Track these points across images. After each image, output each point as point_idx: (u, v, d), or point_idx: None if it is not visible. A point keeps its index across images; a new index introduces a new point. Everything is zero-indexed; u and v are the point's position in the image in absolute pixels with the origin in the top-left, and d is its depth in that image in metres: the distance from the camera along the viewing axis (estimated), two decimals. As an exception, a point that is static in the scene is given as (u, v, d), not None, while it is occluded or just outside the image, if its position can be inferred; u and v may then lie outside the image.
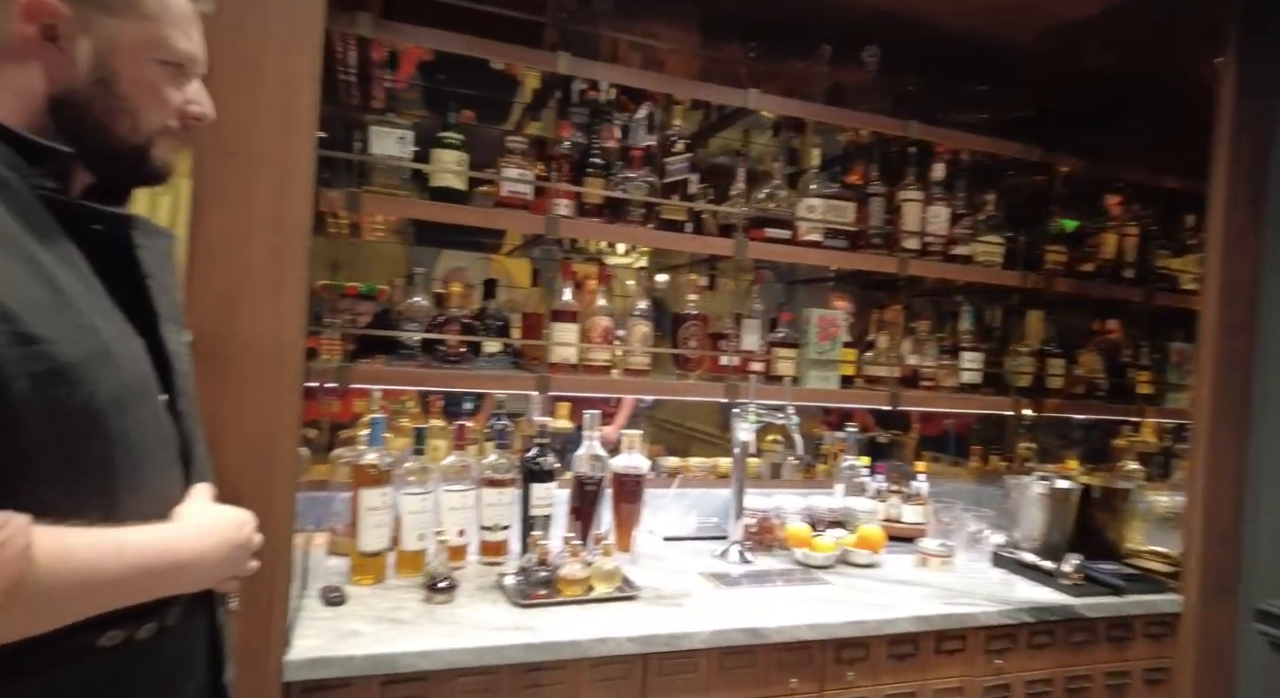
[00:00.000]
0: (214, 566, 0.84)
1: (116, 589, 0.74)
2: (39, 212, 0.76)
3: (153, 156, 0.86)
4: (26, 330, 0.69)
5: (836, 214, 2.12)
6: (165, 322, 0.89)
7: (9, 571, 0.63)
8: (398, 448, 1.91)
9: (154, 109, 0.84)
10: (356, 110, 2.03)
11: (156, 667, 0.82)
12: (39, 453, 0.70)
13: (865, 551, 1.98)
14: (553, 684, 1.43)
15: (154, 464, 0.82)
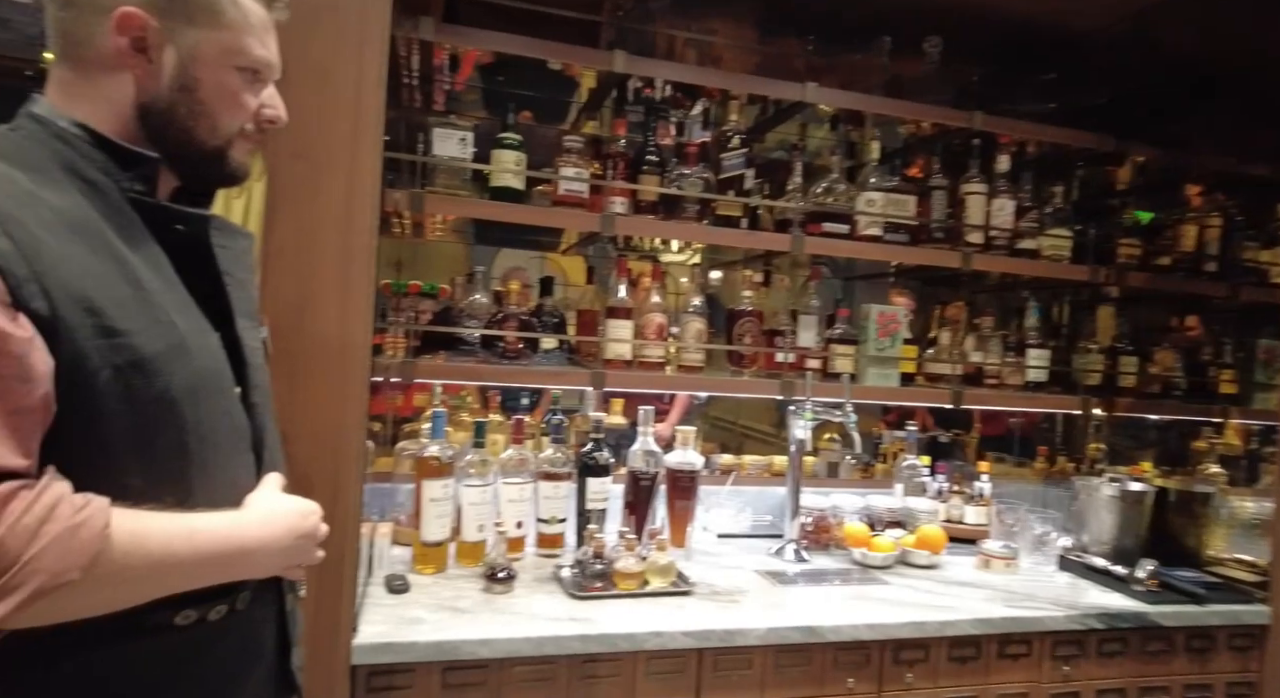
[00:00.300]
0: (279, 553, 0.87)
1: (186, 572, 0.77)
2: (128, 213, 0.81)
3: (230, 158, 0.89)
4: (111, 324, 0.73)
5: (897, 208, 2.07)
6: (240, 317, 0.93)
7: (88, 548, 0.67)
8: (458, 442, 1.96)
9: (232, 114, 0.87)
10: (419, 113, 2.09)
11: (226, 648, 0.86)
12: (119, 439, 0.74)
13: (925, 551, 1.94)
14: (608, 676, 1.45)
15: (226, 453, 0.86)
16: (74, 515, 0.67)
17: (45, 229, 0.72)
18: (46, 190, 0.75)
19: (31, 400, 0.67)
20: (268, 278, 1.24)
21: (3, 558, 0.64)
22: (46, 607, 0.67)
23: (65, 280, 0.71)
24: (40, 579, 0.65)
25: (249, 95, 0.88)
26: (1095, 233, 2.26)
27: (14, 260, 0.68)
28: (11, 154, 0.77)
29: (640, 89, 2.14)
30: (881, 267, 2.58)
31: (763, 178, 2.14)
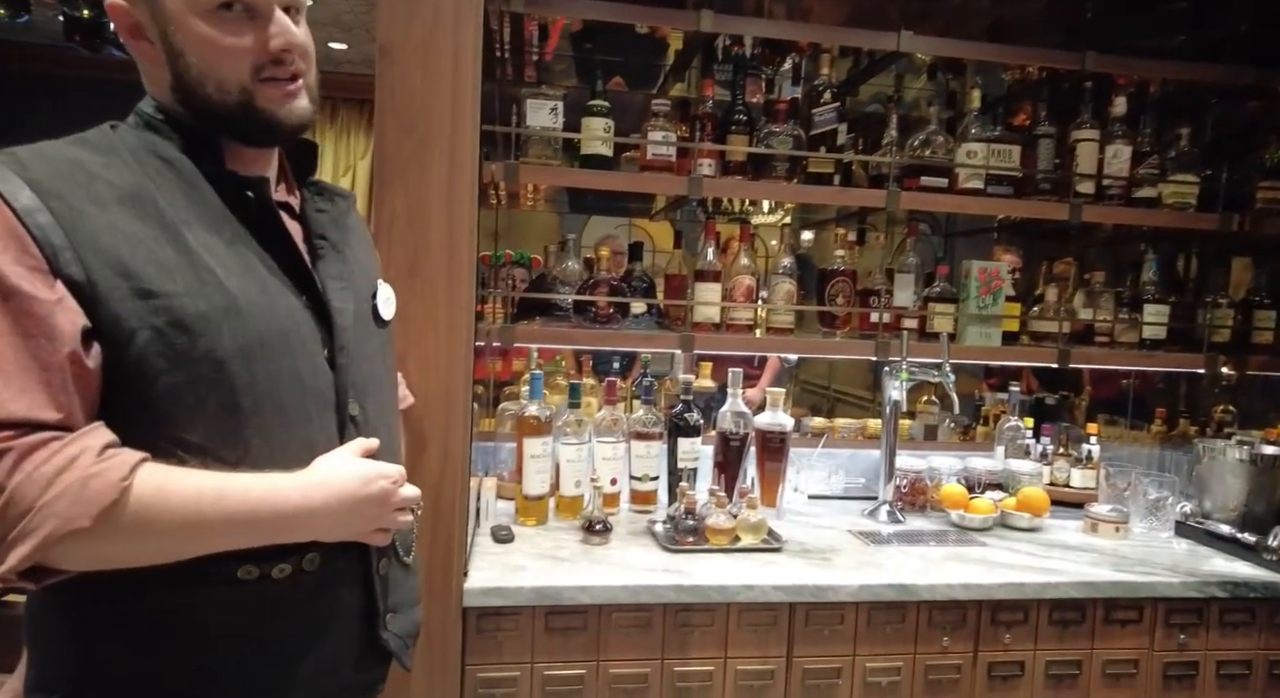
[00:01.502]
0: (335, 518, 0.85)
1: (216, 532, 0.78)
2: (201, 186, 0.84)
3: (258, 110, 0.85)
4: (147, 286, 0.76)
5: (1000, 159, 1.98)
6: (329, 279, 0.93)
7: (99, 498, 0.70)
8: (554, 404, 2.05)
9: (223, 62, 0.83)
10: (511, 85, 2.14)
11: (296, 606, 0.86)
12: (168, 398, 0.77)
13: (1026, 514, 1.88)
14: (702, 626, 1.50)
15: (293, 414, 0.85)
16: (90, 466, 0.71)
17: (93, 203, 0.76)
18: (110, 170, 0.79)
19: (59, 358, 0.71)
20: (382, 248, 1.33)
21: (19, 504, 0.68)
22: (68, 552, 0.71)
23: (102, 248, 0.75)
24: (52, 524, 0.69)
25: (236, 37, 0.83)
26: (1228, 177, 2.08)
27: (51, 231, 0.73)
28: (91, 140, 0.83)
29: (728, 47, 2.11)
30: (983, 222, 2.46)
31: (856, 133, 2.08)
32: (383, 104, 1.33)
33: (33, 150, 0.79)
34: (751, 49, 2.09)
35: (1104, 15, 2.07)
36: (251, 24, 0.83)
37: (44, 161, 0.78)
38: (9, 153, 0.78)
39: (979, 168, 1.97)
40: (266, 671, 0.85)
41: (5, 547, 0.69)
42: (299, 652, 0.87)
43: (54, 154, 0.79)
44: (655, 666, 1.49)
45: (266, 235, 0.88)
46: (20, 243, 0.72)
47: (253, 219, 0.88)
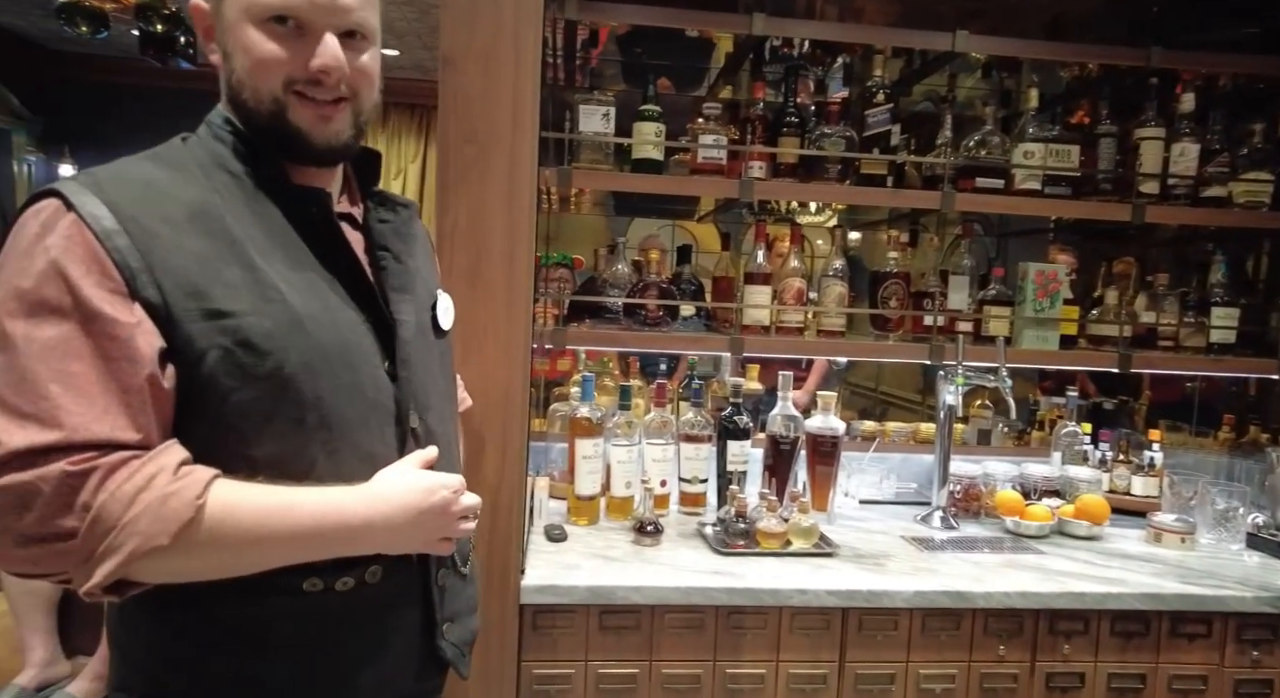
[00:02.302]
0: (399, 530, 0.85)
1: (285, 546, 0.79)
2: (262, 199, 0.86)
3: (290, 123, 0.85)
4: (217, 306, 0.78)
5: (1058, 159, 1.93)
6: (391, 291, 0.93)
7: (177, 516, 0.72)
8: (603, 404, 2.07)
9: (258, 71, 0.83)
10: (563, 90, 2.17)
11: (359, 618, 0.88)
12: (236, 415, 0.79)
13: (1085, 522, 1.84)
14: (754, 628, 1.51)
15: (357, 427, 0.86)
16: (168, 485, 0.73)
17: (165, 223, 0.78)
18: (178, 187, 0.81)
19: (139, 380, 0.73)
20: (443, 254, 1.37)
21: (104, 521, 0.70)
22: (148, 567, 0.73)
23: (175, 269, 0.77)
24: (135, 542, 0.71)
25: (276, 49, 0.83)
26: (1306, 174, 2.00)
27: (130, 254, 0.75)
28: (163, 155, 0.85)
29: (779, 48, 2.11)
30: (1038, 222, 2.41)
31: (909, 133, 2.06)
32: (445, 113, 1.37)
33: (110, 171, 0.81)
34: (801, 50, 2.09)
35: (1170, 8, 2.01)
36: (300, 40, 0.84)
37: (120, 183, 0.79)
38: (89, 174, 0.80)
39: (1036, 168, 1.93)
40: (329, 681, 0.87)
41: (93, 563, 0.71)
42: (360, 663, 0.88)
43: (129, 174, 0.81)
44: (707, 667, 1.50)
45: (328, 248, 0.89)
46: (102, 266, 0.74)
47: (315, 231, 0.89)
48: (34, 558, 0.71)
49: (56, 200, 0.76)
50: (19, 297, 0.72)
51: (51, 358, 0.71)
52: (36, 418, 0.70)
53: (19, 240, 0.75)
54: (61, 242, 0.74)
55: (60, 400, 0.70)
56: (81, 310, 0.73)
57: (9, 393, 0.71)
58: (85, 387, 0.72)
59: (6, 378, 0.71)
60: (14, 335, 0.72)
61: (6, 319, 0.72)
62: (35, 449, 0.69)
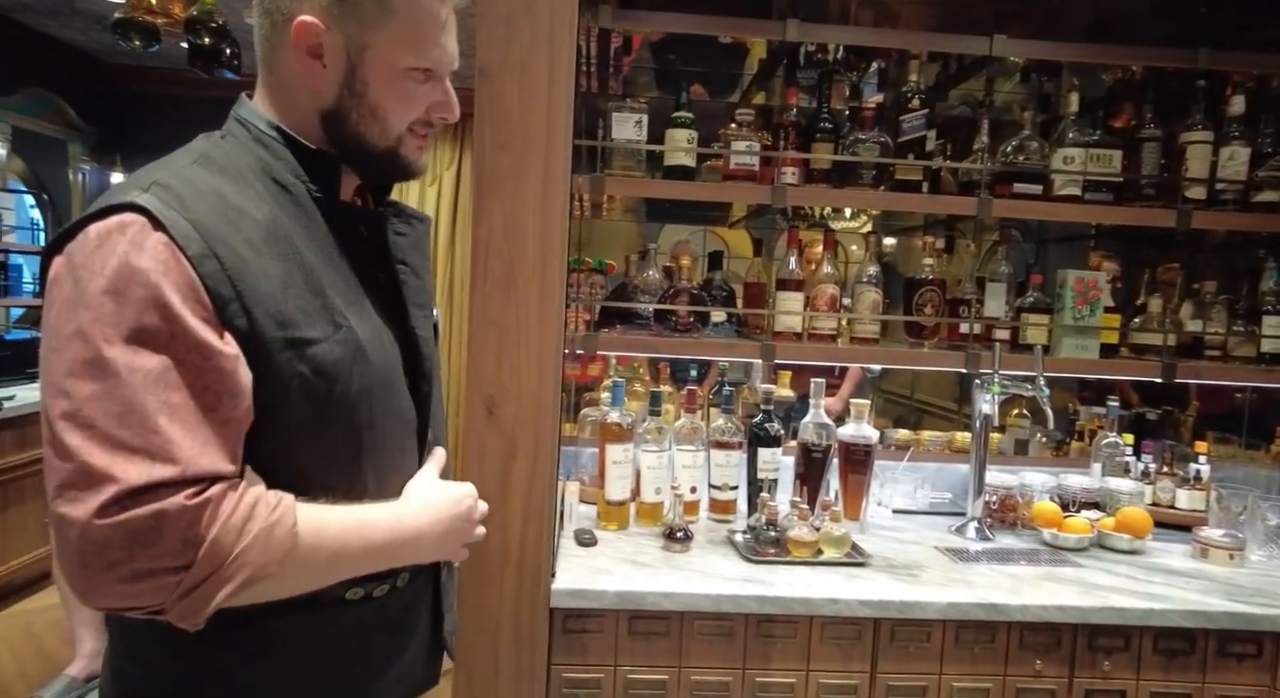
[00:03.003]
0: (437, 539, 0.89)
1: (357, 563, 0.82)
2: (313, 214, 0.84)
3: (401, 156, 0.89)
4: (299, 335, 0.77)
5: (1100, 164, 1.90)
6: (413, 308, 0.94)
7: (283, 544, 0.73)
8: (633, 410, 2.08)
9: (400, 115, 0.87)
10: (596, 98, 2.19)
11: (387, 620, 0.91)
12: (300, 437, 0.79)
13: (1126, 535, 1.80)
14: (784, 637, 1.50)
15: (394, 442, 0.89)
16: (270, 515, 0.73)
17: (248, 246, 0.75)
18: (249, 202, 0.79)
19: (239, 413, 0.73)
20: (479, 261, 1.39)
21: (218, 553, 0.69)
22: (247, 595, 0.73)
23: (262, 297, 0.75)
24: (247, 572, 0.71)
25: (419, 94, 0.87)
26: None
27: (221, 281, 0.72)
28: (222, 164, 0.81)
29: (813, 54, 2.10)
30: (1077, 228, 2.37)
31: (945, 139, 2.03)
32: (481, 122, 1.39)
33: (180, 179, 0.76)
34: (836, 55, 2.08)
35: (1218, 7, 1.95)
36: (429, 85, 0.88)
37: (198, 198, 0.75)
38: (164, 187, 0.74)
39: (1076, 174, 1.89)
40: (363, 680, 0.90)
41: (202, 593, 0.69)
42: (388, 659, 0.92)
43: (201, 187, 0.77)
44: (736, 675, 1.49)
45: (368, 265, 0.90)
46: (196, 294, 0.71)
47: (357, 247, 0.89)
48: (136, 593, 0.68)
49: (142, 217, 0.71)
50: (116, 322, 0.68)
51: (155, 389, 0.68)
52: (147, 452, 0.67)
53: (103, 255, 0.70)
54: (156, 265, 0.70)
55: (170, 433, 0.68)
56: (181, 340, 0.70)
57: (113, 425, 0.67)
58: (187, 418, 0.69)
59: (107, 408, 0.67)
60: (116, 363, 0.68)
61: (104, 345, 0.68)
62: (152, 484, 0.66)
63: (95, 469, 0.66)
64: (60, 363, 0.68)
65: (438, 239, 5.13)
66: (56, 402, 0.68)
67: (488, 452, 1.44)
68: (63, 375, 0.68)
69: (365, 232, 0.91)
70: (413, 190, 5.06)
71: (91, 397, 0.67)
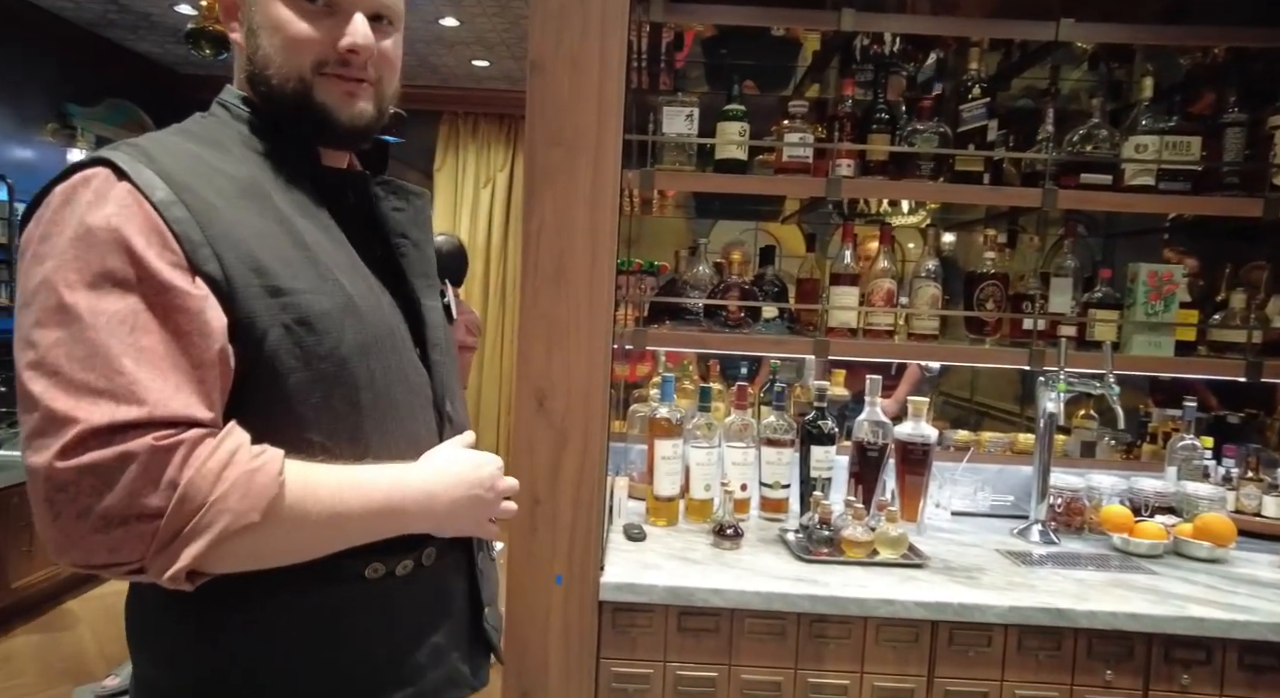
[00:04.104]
0: (452, 504, 0.85)
1: (358, 523, 0.78)
2: (298, 180, 0.84)
3: (315, 102, 0.83)
4: (278, 284, 0.75)
5: (1176, 152, 1.80)
6: (414, 277, 0.93)
7: (265, 491, 0.69)
8: (682, 406, 2.07)
9: (288, 48, 0.82)
10: (647, 93, 2.19)
11: (414, 601, 0.87)
12: (296, 396, 0.76)
13: (1206, 542, 1.70)
14: (837, 638, 1.46)
15: (404, 410, 0.86)
16: (251, 461, 0.70)
17: (219, 196, 0.75)
18: (226, 164, 0.79)
19: (211, 354, 0.70)
20: (530, 255, 1.40)
21: (192, 499, 0.66)
22: (232, 550, 0.69)
23: (235, 243, 0.74)
24: (226, 520, 0.67)
25: (306, 28, 0.82)
26: None
27: (189, 227, 0.71)
28: (196, 133, 0.82)
29: (868, 45, 2.06)
30: (1149, 221, 2.25)
31: (1007, 129, 1.96)
32: (533, 117, 1.40)
33: (152, 141, 0.77)
34: (892, 47, 2.03)
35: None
36: (329, 20, 0.83)
37: (167, 154, 0.75)
38: (130, 145, 0.75)
39: (1150, 162, 1.80)
40: (389, 663, 0.86)
41: (179, 544, 0.66)
42: (416, 644, 0.88)
43: (173, 146, 0.77)
44: (788, 674, 1.47)
45: (360, 233, 0.89)
46: (162, 238, 0.70)
47: (347, 215, 0.88)
48: (112, 544, 0.65)
49: (105, 169, 0.72)
50: (79, 268, 0.67)
51: (120, 332, 0.67)
52: (111, 394, 0.65)
53: (70, 209, 0.70)
54: (120, 210, 0.69)
55: (136, 375, 0.66)
56: (149, 283, 0.69)
57: (76, 369, 0.65)
58: (157, 362, 0.67)
59: (71, 352, 0.66)
60: (78, 308, 0.66)
61: (66, 291, 0.67)
62: (116, 426, 0.64)
63: (58, 413, 0.64)
64: (27, 315, 0.68)
65: (490, 239, 5.21)
66: (24, 353, 0.67)
67: (537, 444, 1.45)
68: (29, 327, 0.67)
69: (352, 198, 0.90)
70: (467, 192, 5.16)
71: (56, 343, 0.66)
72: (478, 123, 5.12)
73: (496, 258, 5.21)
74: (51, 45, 4.21)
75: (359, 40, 0.83)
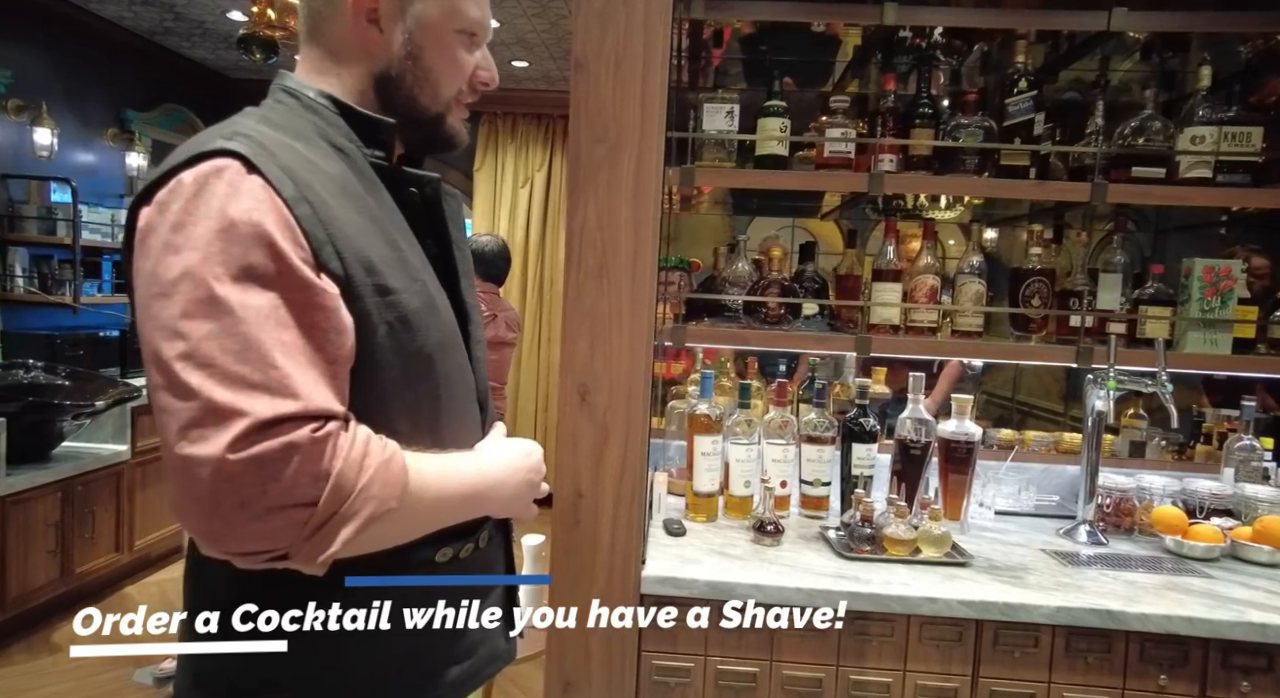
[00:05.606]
0: (513, 489, 0.90)
1: (453, 507, 0.83)
2: (373, 178, 0.85)
3: (448, 124, 0.91)
4: (384, 282, 0.78)
5: (1235, 143, 1.75)
6: (463, 276, 0.96)
7: (401, 478, 0.74)
8: (720, 403, 2.07)
9: (452, 77, 0.89)
10: (684, 91, 2.19)
11: (471, 582, 0.91)
12: (391, 389, 0.80)
13: (1267, 546, 1.64)
14: (880, 636, 1.46)
15: (462, 405, 0.91)
16: (383, 451, 0.73)
17: (330, 194, 0.76)
18: (319, 159, 0.79)
19: (345, 351, 0.73)
20: (573, 250, 1.42)
21: (344, 487, 0.69)
22: (370, 534, 0.72)
23: (351, 242, 0.76)
24: (372, 506, 0.71)
25: (466, 58, 0.90)
26: None
27: (314, 224, 0.73)
28: (284, 125, 0.81)
29: (910, 40, 2.03)
30: (1204, 215, 2.19)
31: (1054, 122, 1.92)
32: (576, 115, 1.42)
33: (259, 133, 0.77)
34: (935, 39, 2.00)
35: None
36: (473, 53, 0.91)
37: (281, 148, 0.76)
38: (247, 136, 0.75)
39: (1207, 154, 1.75)
40: (450, 641, 0.89)
41: (331, 528, 0.69)
42: (470, 622, 0.91)
43: (277, 139, 0.77)
44: (830, 671, 1.46)
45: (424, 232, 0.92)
46: (294, 235, 0.72)
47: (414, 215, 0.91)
48: (268, 533, 0.68)
49: (236, 161, 0.72)
50: (225, 261, 0.68)
51: (268, 326, 0.68)
52: (266, 388, 0.67)
53: (204, 199, 0.70)
54: (257, 204, 0.70)
55: (287, 368, 0.68)
56: (288, 278, 0.70)
57: (232, 362, 0.67)
58: (298, 356, 0.69)
59: (225, 345, 0.67)
60: (229, 301, 0.67)
61: (216, 284, 0.67)
62: (279, 418, 0.67)
63: (221, 405, 0.65)
64: (170, 306, 0.68)
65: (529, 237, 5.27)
66: (172, 344, 0.67)
67: (580, 438, 1.47)
68: (176, 317, 0.67)
69: (420, 198, 0.92)
70: (505, 191, 5.22)
71: (208, 335, 0.67)
72: (516, 123, 5.18)
73: (534, 256, 5.26)
74: (112, 53, 4.38)
75: (495, 76, 0.92)
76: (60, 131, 3.86)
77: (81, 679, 2.89)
